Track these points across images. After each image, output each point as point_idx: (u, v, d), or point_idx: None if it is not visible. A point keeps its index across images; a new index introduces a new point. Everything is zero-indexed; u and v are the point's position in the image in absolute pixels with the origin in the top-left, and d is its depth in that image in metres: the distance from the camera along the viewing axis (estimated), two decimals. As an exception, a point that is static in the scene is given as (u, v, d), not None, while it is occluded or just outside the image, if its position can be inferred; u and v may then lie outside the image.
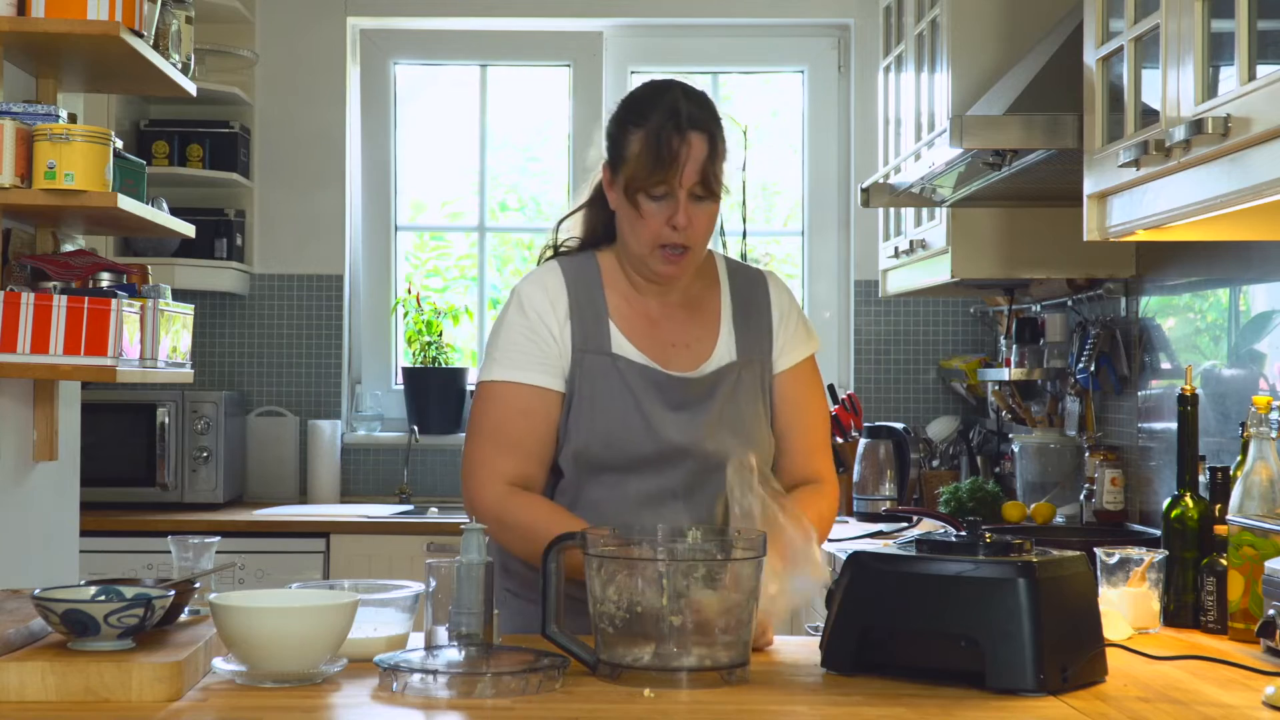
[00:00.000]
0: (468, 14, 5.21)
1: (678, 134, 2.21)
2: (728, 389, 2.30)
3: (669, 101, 2.24)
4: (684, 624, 1.85)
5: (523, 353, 2.28)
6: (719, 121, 2.27)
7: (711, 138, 2.23)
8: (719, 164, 2.24)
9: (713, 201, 2.25)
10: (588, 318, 2.30)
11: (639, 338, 2.31)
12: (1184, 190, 2.18)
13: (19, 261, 3.11)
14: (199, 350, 4.80)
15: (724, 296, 2.38)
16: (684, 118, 2.22)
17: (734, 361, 2.33)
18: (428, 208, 5.43)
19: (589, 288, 2.32)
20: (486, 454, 2.28)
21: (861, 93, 5.12)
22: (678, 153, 2.20)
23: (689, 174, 2.21)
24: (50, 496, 3.41)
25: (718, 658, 1.87)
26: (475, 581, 1.93)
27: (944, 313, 5.13)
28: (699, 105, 2.26)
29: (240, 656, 1.85)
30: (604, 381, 2.27)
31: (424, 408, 5.08)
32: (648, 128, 2.23)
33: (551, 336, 2.28)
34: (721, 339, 2.34)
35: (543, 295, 2.31)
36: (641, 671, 1.86)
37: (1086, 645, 1.91)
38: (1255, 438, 2.30)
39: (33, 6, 2.85)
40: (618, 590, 1.86)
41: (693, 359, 2.32)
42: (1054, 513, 3.98)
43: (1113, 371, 3.80)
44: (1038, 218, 3.67)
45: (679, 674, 1.85)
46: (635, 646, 1.87)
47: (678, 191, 2.22)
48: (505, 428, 2.27)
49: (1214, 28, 2.11)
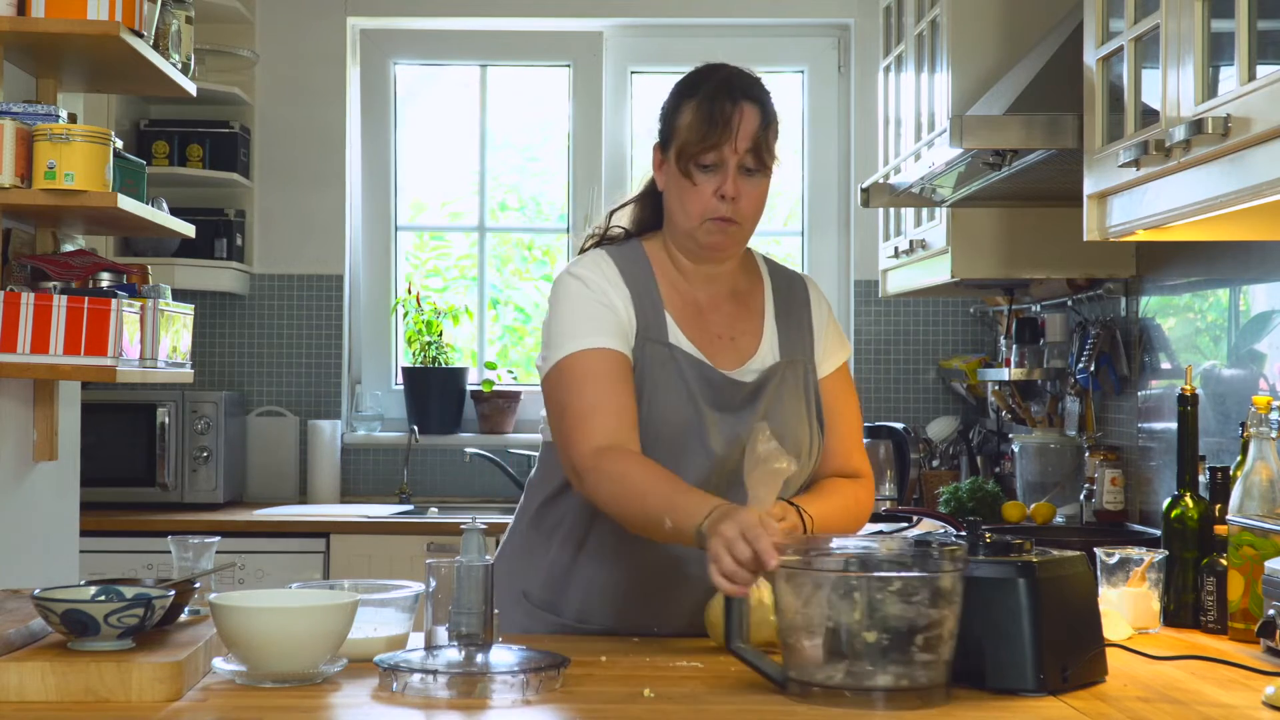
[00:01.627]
0: (468, 14, 5.21)
1: (730, 101, 2.21)
2: (772, 391, 2.28)
3: (722, 74, 2.25)
4: (878, 641, 1.75)
5: (595, 322, 2.21)
6: (770, 97, 2.28)
7: (764, 109, 2.23)
8: (771, 136, 2.23)
9: (763, 176, 2.24)
10: (646, 305, 2.26)
11: (690, 329, 2.28)
12: (1184, 190, 2.18)
13: (19, 261, 3.11)
14: (199, 350, 4.80)
15: (767, 292, 2.37)
16: (737, 88, 2.23)
17: (778, 363, 2.31)
18: (428, 208, 5.43)
19: (642, 274, 2.28)
20: (580, 423, 2.15)
21: (861, 93, 5.12)
22: (730, 118, 2.20)
23: (741, 141, 2.20)
24: (50, 496, 3.41)
25: (915, 678, 1.76)
26: (475, 581, 1.93)
27: (944, 313, 5.13)
28: (751, 80, 2.27)
29: (240, 656, 1.85)
30: (662, 372, 2.22)
31: (424, 408, 5.08)
32: (700, 96, 2.23)
33: (618, 308, 2.23)
34: (766, 336, 2.32)
35: (599, 273, 2.26)
36: (834, 691, 1.77)
37: (1086, 645, 1.91)
38: (1255, 438, 2.30)
39: (33, 6, 2.85)
40: (806, 603, 1.78)
41: (738, 354, 2.30)
42: (1054, 513, 3.98)
43: (1113, 371, 3.80)
44: (1038, 218, 3.67)
45: (874, 694, 1.75)
46: (827, 664, 1.77)
47: (729, 159, 2.20)
48: (598, 392, 2.16)
49: (1214, 28, 2.11)
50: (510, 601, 2.30)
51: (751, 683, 1.90)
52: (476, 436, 5.09)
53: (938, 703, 1.77)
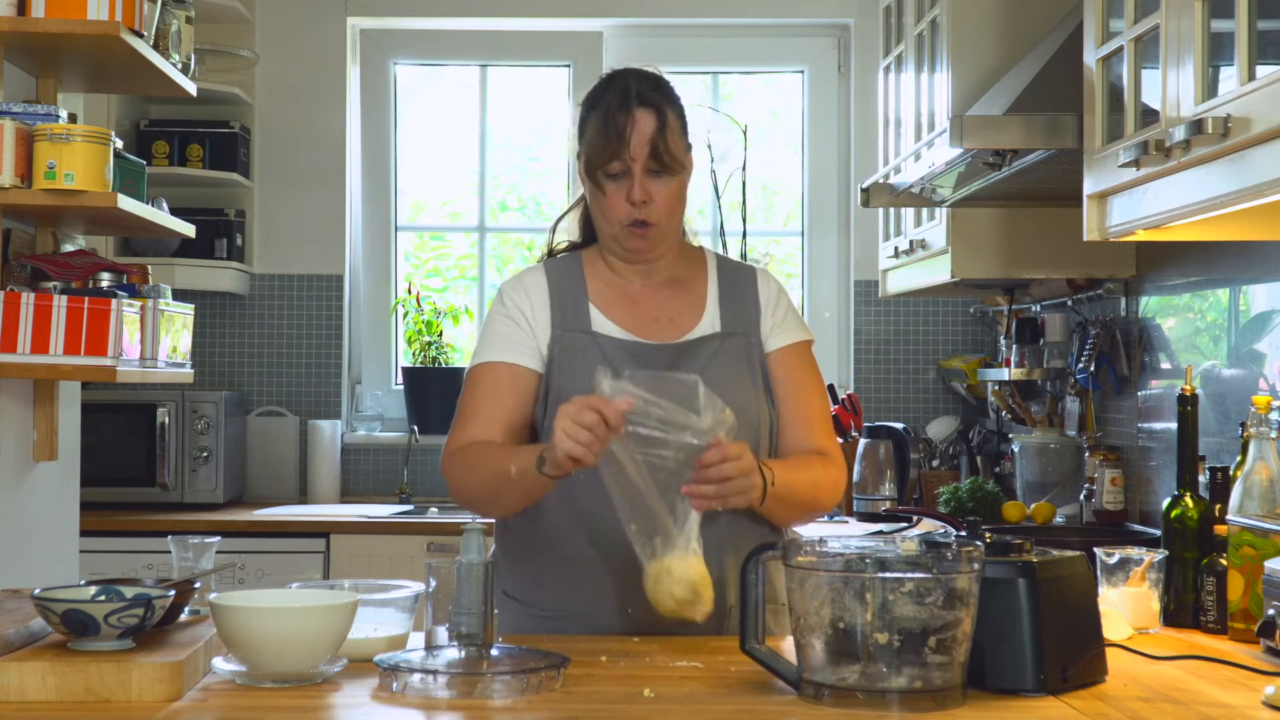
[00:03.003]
0: (468, 14, 5.21)
1: (624, 112, 2.29)
2: (708, 355, 2.34)
3: (619, 83, 2.34)
4: (890, 642, 1.74)
5: (497, 336, 2.37)
6: (672, 99, 2.35)
7: (659, 113, 2.30)
8: (670, 138, 2.30)
9: (671, 176, 2.32)
10: (568, 303, 2.37)
11: (619, 315, 2.37)
12: (1184, 190, 2.18)
13: (19, 261, 3.11)
14: (199, 350, 4.80)
15: (710, 277, 2.44)
16: (632, 96, 2.31)
17: (717, 332, 2.37)
18: (428, 208, 5.43)
19: (570, 277, 2.40)
20: (453, 434, 2.36)
21: (861, 93, 5.12)
22: (624, 129, 2.29)
23: (637, 148, 2.29)
24: (50, 496, 3.41)
25: (930, 679, 1.75)
26: (475, 581, 1.94)
27: (944, 313, 5.13)
28: (649, 85, 2.34)
29: (240, 656, 1.85)
30: (582, 357, 2.32)
31: (424, 408, 5.08)
32: (598, 109, 2.33)
33: (527, 321, 2.36)
34: (706, 314, 2.39)
35: (519, 287, 2.40)
36: (847, 692, 1.76)
37: (1086, 645, 1.91)
38: (1255, 438, 2.30)
39: (33, 6, 2.85)
40: (820, 604, 1.77)
41: (675, 330, 2.37)
42: (1054, 513, 3.98)
43: (1113, 371, 3.80)
44: (1038, 218, 3.67)
45: (888, 696, 1.74)
46: (840, 665, 1.77)
47: (632, 167, 2.29)
48: (473, 404, 2.36)
49: (1214, 28, 2.11)
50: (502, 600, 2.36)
51: (752, 683, 1.90)
52: (476, 436, 5.08)
53: (953, 705, 1.76)
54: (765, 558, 1.88)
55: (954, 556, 1.78)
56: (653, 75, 2.37)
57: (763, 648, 1.88)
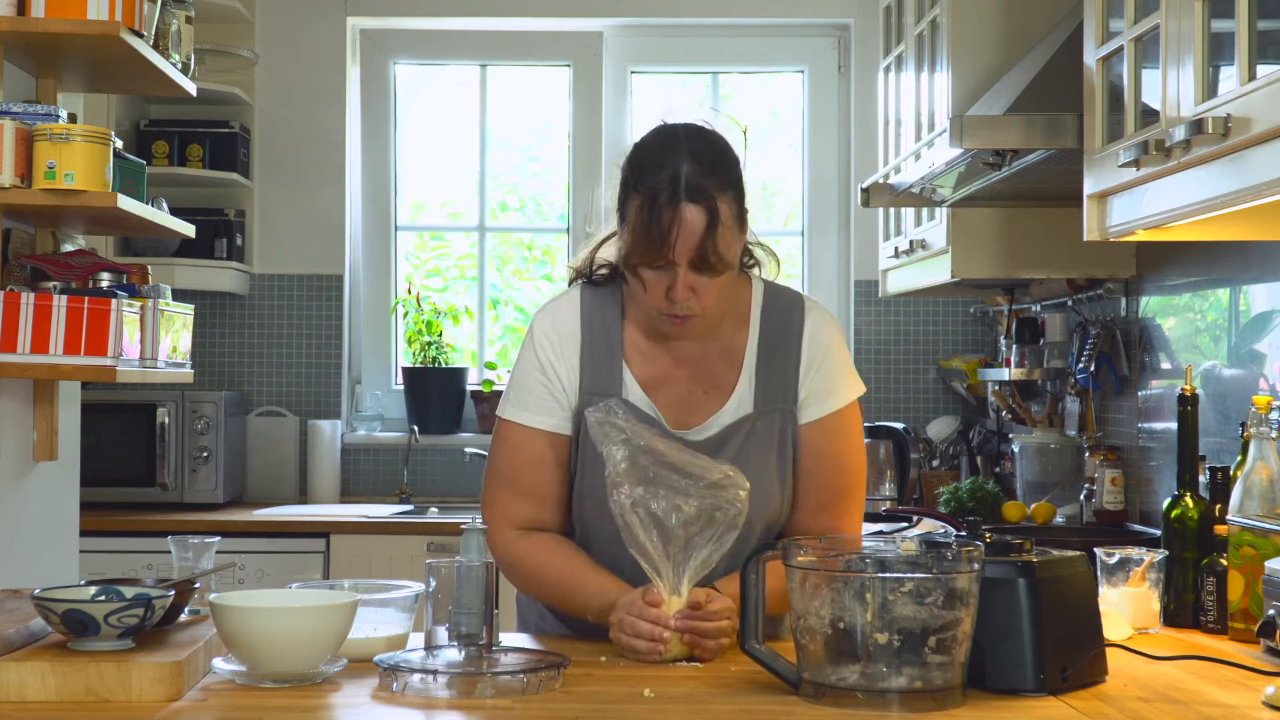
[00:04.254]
0: (468, 14, 5.21)
1: (672, 208, 2.06)
2: (738, 444, 2.21)
3: (671, 166, 2.09)
4: (889, 642, 1.74)
5: (535, 396, 2.24)
6: (727, 184, 2.11)
7: (710, 210, 2.07)
8: (719, 238, 2.08)
9: (719, 272, 2.11)
10: (600, 358, 2.23)
11: (653, 384, 2.24)
12: (1184, 190, 2.18)
13: (19, 261, 3.11)
14: (199, 350, 4.80)
15: (751, 338, 2.26)
16: (682, 187, 2.07)
17: (749, 414, 2.23)
18: (428, 208, 5.43)
19: (605, 327, 2.25)
20: (499, 496, 2.26)
21: (861, 93, 5.12)
22: (669, 230, 2.06)
23: (682, 251, 2.07)
24: (50, 496, 3.41)
25: (930, 679, 1.75)
26: (475, 581, 1.94)
27: (944, 313, 5.13)
28: (705, 168, 2.09)
29: (240, 656, 1.85)
30: None
31: (424, 408, 5.08)
32: (644, 194, 2.09)
33: (559, 380, 2.23)
34: (740, 386, 2.24)
35: (555, 334, 2.25)
36: (847, 693, 1.76)
37: (1086, 645, 1.91)
38: (1255, 438, 2.30)
39: (33, 6, 2.85)
40: (820, 604, 1.76)
41: (708, 407, 2.24)
42: (1054, 513, 3.98)
43: (1113, 371, 3.80)
44: (1038, 218, 3.67)
45: (888, 696, 1.74)
46: (840, 665, 1.77)
47: (676, 269, 2.09)
48: (518, 472, 2.24)
49: (1214, 28, 2.11)
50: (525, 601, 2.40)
51: (752, 683, 1.90)
52: (476, 436, 5.09)
53: (953, 705, 1.76)
54: (765, 558, 1.88)
55: (954, 556, 1.78)
56: (709, 151, 2.12)
57: (763, 648, 1.88)
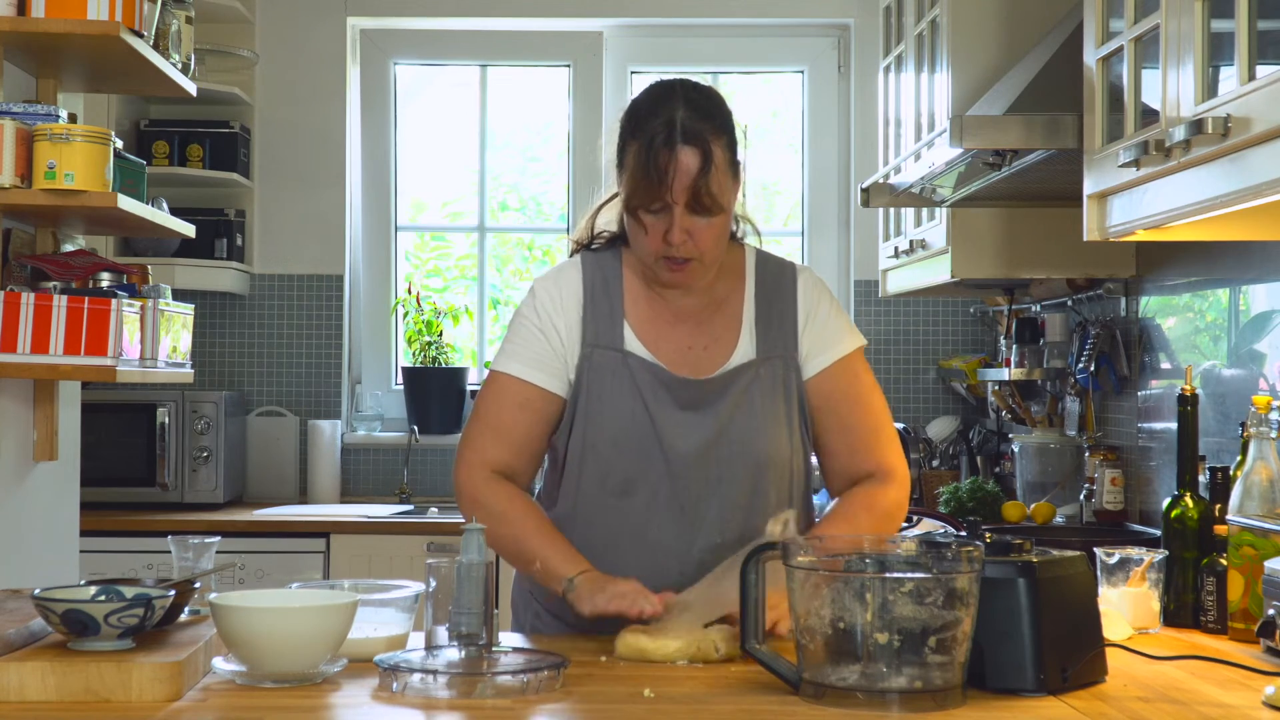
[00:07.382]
0: (468, 14, 5.21)
1: (667, 149, 2.15)
2: (742, 388, 2.27)
3: (666, 112, 2.19)
4: (890, 642, 1.74)
5: (531, 350, 2.29)
6: (721, 129, 2.20)
7: (705, 153, 2.16)
8: (714, 179, 2.17)
9: (713, 216, 2.19)
10: (602, 314, 2.29)
11: (653, 338, 2.29)
12: (1184, 190, 2.18)
13: (19, 261, 3.11)
14: (199, 350, 4.80)
15: (748, 294, 2.33)
16: (678, 130, 2.16)
17: (752, 360, 2.29)
18: (428, 208, 5.43)
19: (607, 285, 2.31)
20: (478, 436, 2.31)
21: (861, 93, 5.12)
22: (665, 170, 2.15)
23: (678, 191, 2.16)
24: (50, 496, 3.41)
25: (930, 680, 1.74)
26: (475, 581, 1.94)
27: (944, 313, 5.13)
28: (699, 114, 2.19)
29: (240, 656, 1.85)
30: (612, 379, 2.26)
31: (424, 408, 5.08)
32: (641, 141, 2.18)
33: (559, 335, 2.29)
34: (742, 339, 2.31)
35: (556, 291, 2.31)
36: (847, 693, 1.76)
37: (1086, 645, 1.91)
38: (1255, 438, 2.30)
39: (33, 6, 2.85)
40: (820, 604, 1.76)
41: (710, 361, 2.30)
42: (1054, 513, 3.98)
43: (1113, 371, 3.79)
44: (1038, 218, 3.67)
45: (888, 696, 1.74)
46: (840, 665, 1.77)
47: (673, 207, 2.17)
48: (501, 416, 2.30)
49: (1214, 28, 2.11)
50: (521, 601, 2.40)
51: (751, 683, 1.90)
52: (476, 436, 5.08)
53: (953, 705, 1.76)
54: (765, 557, 1.88)
55: (954, 556, 1.78)
56: (704, 100, 2.22)
57: (763, 648, 1.88)
